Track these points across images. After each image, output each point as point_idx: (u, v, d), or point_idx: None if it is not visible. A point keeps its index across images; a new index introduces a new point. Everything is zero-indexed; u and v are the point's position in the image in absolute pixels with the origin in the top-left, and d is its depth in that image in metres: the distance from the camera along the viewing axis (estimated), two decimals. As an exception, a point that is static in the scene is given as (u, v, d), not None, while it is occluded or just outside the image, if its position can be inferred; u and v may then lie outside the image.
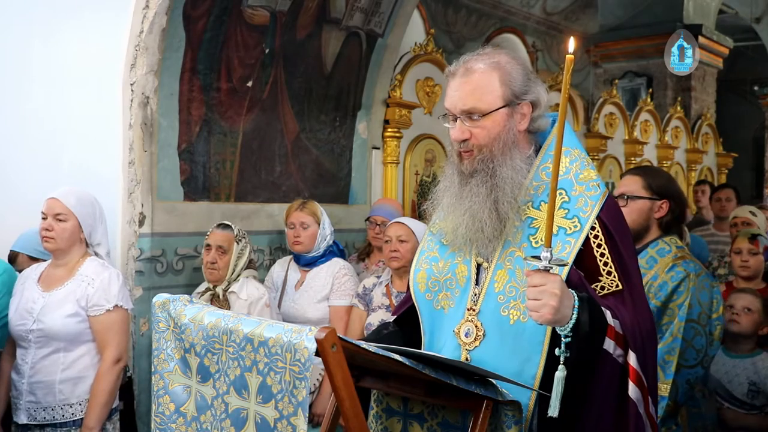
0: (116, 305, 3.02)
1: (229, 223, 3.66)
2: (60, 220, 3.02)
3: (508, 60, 1.95)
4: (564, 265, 1.75)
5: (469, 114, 1.91)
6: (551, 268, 1.67)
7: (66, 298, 3.00)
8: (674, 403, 2.76)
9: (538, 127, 1.99)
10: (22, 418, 2.99)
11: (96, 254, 3.15)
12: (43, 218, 3.05)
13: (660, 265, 2.84)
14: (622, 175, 3.11)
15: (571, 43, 1.62)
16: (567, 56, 1.61)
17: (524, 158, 1.95)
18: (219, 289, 3.57)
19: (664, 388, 2.68)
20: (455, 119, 1.94)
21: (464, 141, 1.92)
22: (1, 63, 4.33)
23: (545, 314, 1.66)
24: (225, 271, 3.57)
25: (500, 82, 1.91)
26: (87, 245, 3.12)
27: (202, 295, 3.62)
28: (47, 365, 2.97)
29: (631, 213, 2.86)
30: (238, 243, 3.60)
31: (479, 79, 1.90)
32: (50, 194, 3.08)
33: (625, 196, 2.91)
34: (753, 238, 3.97)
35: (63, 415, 2.98)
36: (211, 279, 3.60)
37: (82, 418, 2.98)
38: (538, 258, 1.67)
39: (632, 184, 2.96)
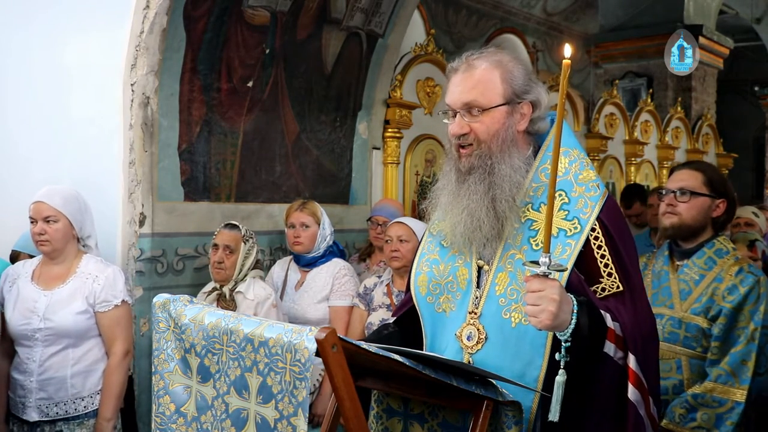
0: (123, 300, 3.10)
1: (237, 223, 3.67)
2: (51, 222, 3.03)
3: (510, 59, 1.96)
4: (563, 271, 1.75)
5: (469, 108, 1.91)
6: (550, 273, 1.67)
7: (73, 296, 3.04)
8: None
9: (538, 129, 1.99)
10: (33, 416, 3.02)
11: (86, 246, 3.19)
12: (33, 222, 3.06)
13: (722, 266, 2.76)
14: (674, 169, 2.99)
15: (567, 49, 1.62)
16: (564, 61, 1.62)
17: (523, 158, 1.95)
18: (226, 289, 3.58)
19: (740, 394, 2.63)
20: (455, 115, 1.94)
21: (463, 135, 1.93)
22: (2, 63, 4.33)
23: (544, 320, 1.66)
24: (232, 271, 3.58)
25: (502, 79, 1.92)
26: (78, 240, 3.16)
27: (208, 294, 3.62)
28: (57, 361, 3.01)
29: (691, 210, 2.79)
30: (245, 243, 3.61)
31: (481, 75, 1.92)
32: (34, 198, 3.08)
33: (688, 192, 2.81)
34: (751, 244, 3.96)
35: (75, 409, 3.05)
36: (218, 279, 3.60)
37: (93, 410, 3.06)
38: (536, 263, 1.67)
39: (692, 180, 2.83)
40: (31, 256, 3.56)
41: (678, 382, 2.74)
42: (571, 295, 1.74)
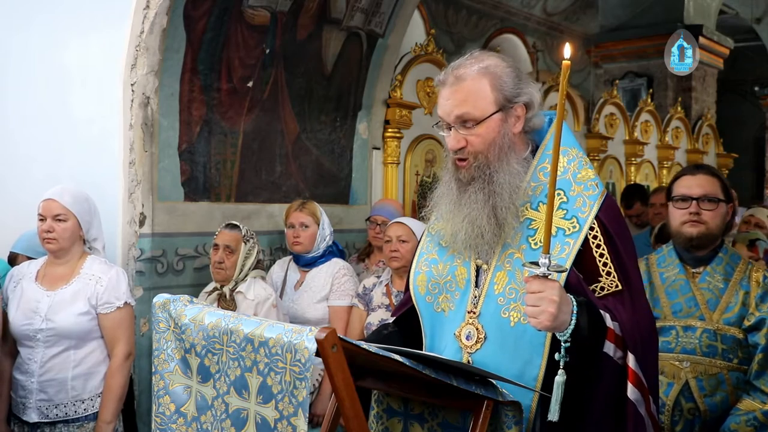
0: (126, 302, 3.10)
1: (238, 224, 3.67)
2: (60, 221, 3.04)
3: (497, 63, 1.93)
4: (563, 272, 1.75)
5: (463, 122, 1.90)
6: (550, 274, 1.66)
7: (75, 297, 3.04)
8: None
9: (533, 126, 1.99)
10: (33, 417, 3.02)
11: (92, 249, 3.20)
12: (41, 220, 3.07)
13: (742, 272, 2.66)
14: (683, 173, 2.81)
15: (567, 50, 1.62)
16: (564, 62, 1.61)
17: (521, 160, 1.94)
18: (226, 289, 3.58)
19: None
20: (449, 127, 1.93)
21: (460, 149, 1.92)
22: (2, 63, 4.34)
23: (544, 321, 1.66)
24: (232, 271, 3.58)
25: (491, 87, 1.89)
26: (84, 241, 3.16)
27: (209, 294, 3.62)
28: (58, 363, 3.01)
29: (716, 217, 2.66)
30: (245, 243, 3.61)
31: (470, 86, 1.89)
32: (45, 195, 3.10)
33: (715, 199, 2.66)
34: (751, 243, 3.93)
35: (75, 411, 3.04)
36: (219, 279, 3.60)
37: (93, 413, 3.06)
38: (536, 264, 1.67)
39: (713, 186, 2.69)
40: (30, 258, 3.57)
41: (725, 397, 2.60)
42: (571, 296, 1.73)
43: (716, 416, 2.60)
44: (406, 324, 2.09)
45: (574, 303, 1.72)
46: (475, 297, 1.93)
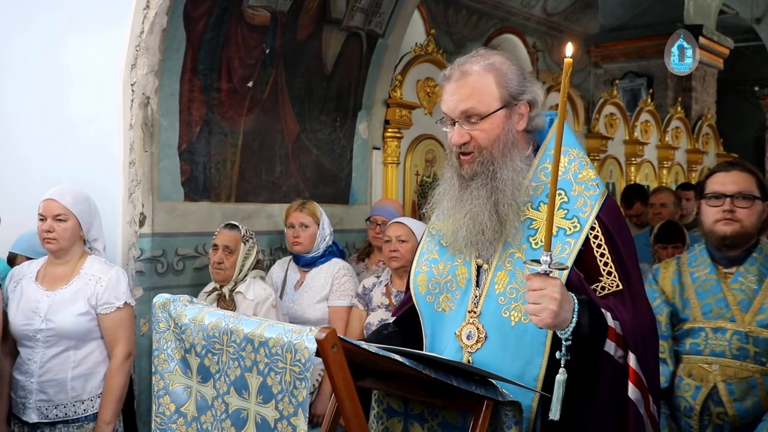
0: (125, 302, 3.10)
1: (237, 224, 3.67)
2: (60, 221, 3.04)
3: (502, 61, 1.94)
4: (564, 269, 1.75)
5: (467, 117, 1.91)
6: (551, 272, 1.66)
7: (75, 297, 3.03)
8: None
9: (536, 125, 1.99)
10: (32, 417, 3.02)
11: (92, 249, 3.20)
12: (42, 219, 3.06)
13: None
14: (717, 169, 2.72)
15: (569, 48, 1.62)
16: (565, 60, 1.61)
17: (523, 158, 1.95)
18: (225, 289, 3.58)
19: None
20: (453, 123, 1.93)
21: (464, 144, 1.92)
22: (2, 63, 4.34)
23: (545, 318, 1.66)
24: (232, 271, 3.58)
25: (496, 83, 1.90)
26: (84, 242, 3.16)
27: (209, 294, 3.62)
28: (58, 363, 3.01)
29: (751, 215, 2.56)
30: (245, 243, 3.60)
31: (476, 82, 1.90)
32: (46, 195, 3.10)
33: (750, 197, 2.56)
34: None
35: (75, 412, 3.04)
36: (218, 279, 3.60)
37: (93, 414, 3.05)
38: (537, 262, 1.67)
39: (748, 183, 2.59)
40: (29, 258, 3.56)
41: (757, 402, 2.50)
42: (572, 294, 1.74)
43: (747, 422, 2.51)
44: (406, 324, 2.09)
45: (576, 301, 1.72)
46: (476, 296, 1.93)
